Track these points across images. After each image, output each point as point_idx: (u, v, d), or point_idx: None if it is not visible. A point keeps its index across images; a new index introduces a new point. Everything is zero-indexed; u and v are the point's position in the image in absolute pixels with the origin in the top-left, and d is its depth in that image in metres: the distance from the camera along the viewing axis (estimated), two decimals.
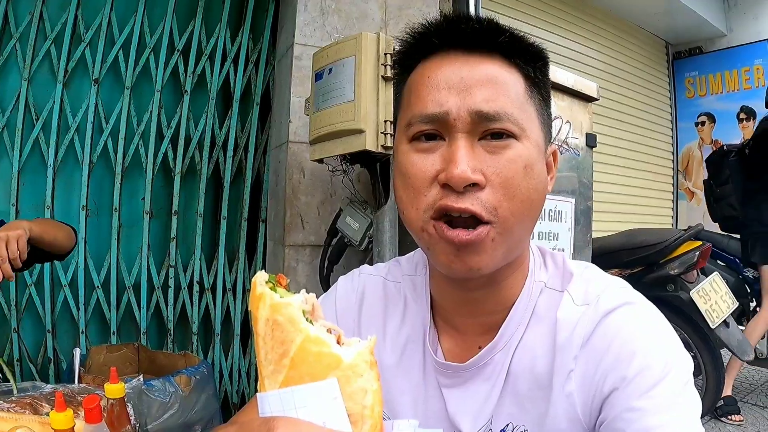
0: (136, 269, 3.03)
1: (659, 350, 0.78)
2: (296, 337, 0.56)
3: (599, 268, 0.95)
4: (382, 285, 1.06)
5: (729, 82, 6.92)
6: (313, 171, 2.82)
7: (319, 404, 0.54)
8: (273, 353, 0.57)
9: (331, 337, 0.58)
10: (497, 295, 0.90)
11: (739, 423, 3.67)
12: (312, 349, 0.56)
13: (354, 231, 2.46)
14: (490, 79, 0.80)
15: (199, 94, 3.17)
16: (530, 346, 0.88)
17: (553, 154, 0.93)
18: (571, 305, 0.87)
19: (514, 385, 0.88)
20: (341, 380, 0.55)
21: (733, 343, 3.63)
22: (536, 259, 0.95)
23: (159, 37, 3.02)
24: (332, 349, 0.56)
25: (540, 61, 0.87)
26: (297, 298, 0.59)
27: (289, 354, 0.56)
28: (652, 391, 0.75)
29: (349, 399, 0.55)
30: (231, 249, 3.28)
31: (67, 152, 2.85)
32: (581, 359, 0.82)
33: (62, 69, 2.80)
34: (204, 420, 2.32)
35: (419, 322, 0.99)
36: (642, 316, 0.83)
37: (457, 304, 0.94)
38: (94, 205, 2.94)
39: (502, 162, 0.79)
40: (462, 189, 0.78)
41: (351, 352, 0.57)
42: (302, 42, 2.85)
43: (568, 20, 5.92)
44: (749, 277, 4.18)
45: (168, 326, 3.10)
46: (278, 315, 0.57)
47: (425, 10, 3.12)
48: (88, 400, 1.07)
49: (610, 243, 3.96)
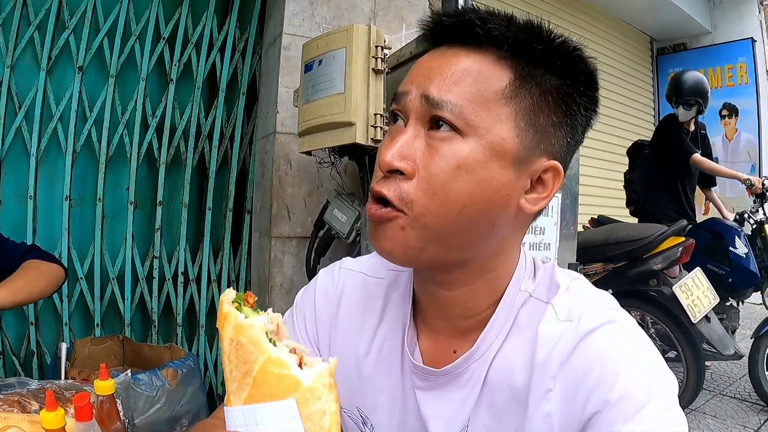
0: (120, 260, 3.00)
1: (643, 372, 0.76)
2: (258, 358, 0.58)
3: (587, 280, 0.92)
4: (362, 282, 1.04)
5: (712, 79, 6.99)
6: (300, 162, 2.81)
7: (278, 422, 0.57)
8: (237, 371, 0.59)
9: (293, 359, 0.59)
10: (462, 301, 0.88)
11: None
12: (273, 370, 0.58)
13: (341, 223, 2.46)
14: (455, 70, 0.78)
15: (184, 83, 3.13)
16: (509, 358, 0.85)
17: (554, 170, 0.83)
18: (554, 320, 0.83)
19: (491, 395, 0.86)
20: (300, 402, 0.57)
21: (714, 338, 3.69)
22: (527, 269, 0.92)
23: (145, 24, 2.98)
24: (292, 371, 0.58)
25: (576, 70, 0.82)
26: (261, 320, 0.61)
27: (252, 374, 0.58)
28: (636, 416, 0.73)
29: (308, 420, 0.57)
30: (216, 240, 3.26)
31: (50, 141, 2.81)
32: (560, 379, 0.79)
33: (46, 56, 2.75)
34: (191, 413, 2.31)
35: (400, 321, 0.97)
36: (624, 335, 0.80)
37: (429, 302, 0.93)
38: (77, 195, 2.91)
39: (433, 158, 0.77)
40: (386, 173, 0.79)
41: (310, 375, 0.58)
42: (291, 32, 2.83)
43: (554, 14, 5.93)
44: None
45: (152, 318, 3.08)
46: (241, 336, 0.59)
47: (414, 1, 3.11)
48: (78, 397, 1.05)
49: (593, 237, 3.99)
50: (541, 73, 0.79)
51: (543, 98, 0.80)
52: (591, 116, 0.86)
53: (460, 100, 0.76)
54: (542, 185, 0.83)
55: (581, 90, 0.83)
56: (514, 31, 0.79)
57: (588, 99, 0.84)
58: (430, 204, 0.77)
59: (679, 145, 4.29)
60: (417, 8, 3.11)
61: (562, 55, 0.81)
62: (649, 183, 4.56)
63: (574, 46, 0.82)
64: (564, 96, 0.81)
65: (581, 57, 0.83)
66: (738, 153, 6.89)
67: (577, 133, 0.85)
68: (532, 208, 0.83)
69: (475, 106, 0.77)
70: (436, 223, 0.77)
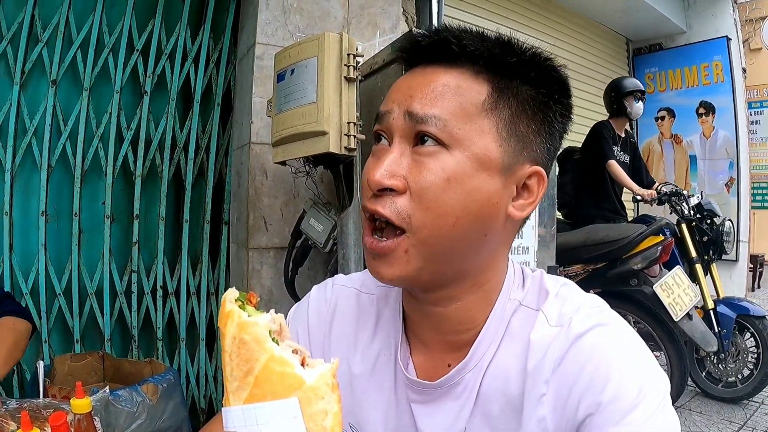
0: (98, 275, 2.97)
1: (634, 373, 0.77)
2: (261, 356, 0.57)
3: (576, 286, 0.93)
4: (355, 298, 1.05)
5: (688, 78, 7.05)
6: (276, 172, 2.80)
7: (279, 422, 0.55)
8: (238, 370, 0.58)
9: (295, 358, 0.59)
10: (457, 316, 0.89)
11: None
12: (276, 369, 0.57)
13: (318, 233, 2.45)
14: (435, 87, 0.80)
15: (159, 95, 3.12)
16: (502, 367, 0.86)
17: (537, 176, 0.85)
18: (545, 326, 0.84)
19: (485, 405, 0.87)
20: (303, 401, 0.56)
21: (696, 335, 3.72)
22: (516, 276, 0.93)
23: (118, 36, 2.96)
24: (295, 370, 0.57)
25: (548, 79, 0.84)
26: (264, 318, 0.60)
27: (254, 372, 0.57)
28: (628, 417, 0.73)
29: (310, 420, 0.56)
30: (194, 252, 3.24)
31: (25, 156, 2.78)
32: (553, 383, 0.80)
33: (19, 70, 2.73)
34: (173, 428, 2.30)
35: (392, 336, 0.98)
36: (615, 337, 0.81)
37: (421, 319, 0.93)
38: (53, 210, 2.87)
39: (422, 172, 0.78)
40: (377, 192, 0.80)
41: (314, 375, 0.58)
42: (264, 41, 2.83)
43: (529, 17, 5.96)
44: None
45: (132, 332, 3.06)
46: (245, 334, 0.58)
47: (387, 8, 3.11)
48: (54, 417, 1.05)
49: (572, 239, 4.01)
50: (517, 84, 0.82)
51: (521, 108, 0.82)
52: (566, 122, 0.89)
53: (443, 114, 0.78)
54: (527, 191, 0.86)
55: (556, 98, 0.85)
56: (488, 46, 0.81)
57: (562, 106, 0.87)
58: (426, 218, 0.78)
59: (600, 151, 4.53)
60: (390, 15, 3.12)
61: (535, 66, 0.83)
62: (581, 186, 4.73)
63: (545, 56, 0.85)
64: (540, 105, 0.84)
65: (553, 66, 0.85)
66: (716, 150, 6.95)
67: (555, 139, 0.88)
68: (520, 215, 0.85)
69: (458, 119, 0.79)
70: (432, 237, 0.79)
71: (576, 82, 6.30)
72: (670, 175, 7.29)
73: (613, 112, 4.73)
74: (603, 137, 4.56)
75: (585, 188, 4.70)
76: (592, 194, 4.67)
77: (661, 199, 4.30)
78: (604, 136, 4.57)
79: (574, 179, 4.74)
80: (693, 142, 7.15)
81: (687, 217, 4.21)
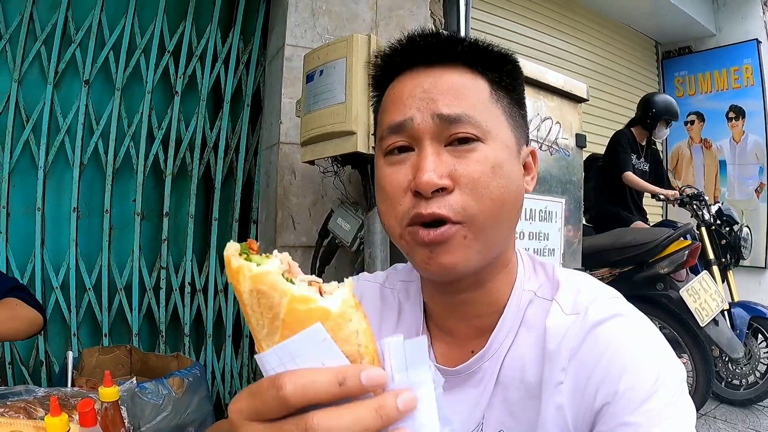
0: (128, 271, 3.02)
1: (650, 363, 0.77)
2: (282, 300, 0.57)
3: (590, 276, 0.95)
4: (379, 292, 1.08)
5: (718, 82, 6.95)
6: (304, 172, 2.83)
7: (312, 349, 0.56)
8: (263, 318, 0.58)
9: (314, 291, 0.59)
10: (485, 298, 0.91)
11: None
12: (300, 308, 0.57)
13: (345, 232, 2.47)
14: (452, 87, 0.84)
15: (189, 96, 3.17)
16: (519, 355, 0.88)
17: (532, 154, 0.95)
18: (560, 314, 0.86)
19: (504, 393, 0.88)
20: (334, 329, 0.56)
21: (722, 341, 3.67)
22: (526, 266, 0.96)
23: (149, 38, 3.02)
24: (318, 303, 0.57)
25: (507, 65, 0.90)
26: (274, 263, 0.59)
27: (280, 316, 0.57)
28: (644, 405, 0.74)
29: (345, 343, 0.57)
30: (222, 250, 3.25)
31: (58, 154, 2.84)
32: (570, 372, 0.81)
33: (52, 70, 2.79)
34: (197, 422, 2.32)
35: (413, 327, 1.01)
36: (632, 328, 0.82)
37: (447, 308, 0.95)
38: (85, 206, 2.93)
39: (470, 164, 0.81)
40: (430, 195, 0.80)
41: (336, 301, 0.58)
42: (293, 43, 2.86)
43: (558, 20, 5.93)
44: None
45: (160, 328, 3.10)
46: (260, 284, 0.58)
47: (415, 11, 3.13)
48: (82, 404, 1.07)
49: (599, 242, 3.98)
50: (498, 75, 0.88)
51: (509, 96, 0.90)
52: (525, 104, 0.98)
53: (470, 111, 0.82)
54: (527, 169, 0.94)
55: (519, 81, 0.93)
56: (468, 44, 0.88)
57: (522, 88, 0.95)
58: (481, 205, 0.81)
59: (617, 162, 4.61)
60: (418, 18, 3.13)
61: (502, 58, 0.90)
62: (601, 192, 4.81)
63: (499, 47, 0.92)
64: (514, 90, 0.91)
65: (507, 54, 0.92)
66: (746, 155, 6.83)
67: (527, 121, 0.97)
68: (529, 189, 0.93)
69: (481, 113, 0.83)
70: (488, 222, 0.82)
71: (605, 85, 6.27)
72: (699, 180, 7.18)
73: (640, 122, 4.75)
74: (621, 147, 4.64)
75: (606, 194, 4.78)
76: (612, 200, 4.74)
77: (683, 200, 4.29)
78: (622, 145, 4.64)
79: (596, 185, 4.80)
80: (723, 146, 7.04)
81: (707, 221, 4.21)
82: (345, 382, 0.52)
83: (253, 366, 3.34)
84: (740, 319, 3.93)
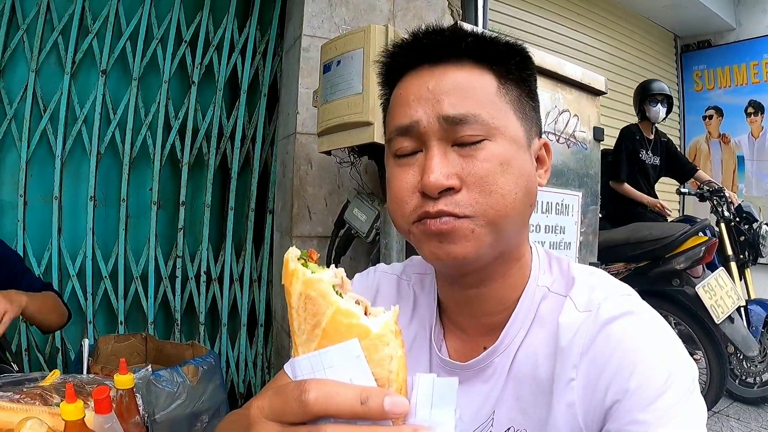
0: (144, 260, 3.04)
1: (662, 361, 0.77)
2: (327, 310, 0.59)
3: (606, 273, 0.94)
4: (395, 283, 1.09)
5: (737, 76, 6.88)
6: (321, 162, 2.82)
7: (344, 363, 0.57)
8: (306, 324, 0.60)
9: (359, 309, 0.61)
10: (496, 294, 0.91)
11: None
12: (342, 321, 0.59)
13: (361, 223, 2.47)
14: (456, 86, 0.83)
15: (206, 85, 3.17)
16: (532, 351, 0.88)
17: (545, 147, 0.94)
18: (573, 310, 0.86)
19: (515, 388, 0.88)
20: (370, 349, 0.58)
21: (737, 339, 3.64)
22: (541, 261, 0.96)
23: (166, 28, 3.03)
24: (361, 320, 0.59)
25: (515, 57, 0.89)
26: (327, 274, 0.62)
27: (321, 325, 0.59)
28: (655, 404, 0.74)
29: (377, 365, 0.58)
30: (238, 240, 3.29)
31: (75, 143, 2.86)
32: (582, 369, 0.81)
33: (69, 60, 2.80)
34: (211, 410, 2.33)
35: (426, 319, 1.01)
36: (644, 325, 0.82)
37: (459, 304, 0.96)
38: (101, 195, 2.95)
39: (477, 163, 0.81)
40: (437, 195, 0.81)
41: (378, 323, 0.60)
42: (310, 33, 2.85)
43: (577, 13, 5.90)
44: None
45: (175, 316, 3.12)
46: (311, 290, 0.60)
47: (433, 2, 3.11)
48: (97, 391, 1.07)
49: (615, 237, 3.96)
50: (506, 68, 0.87)
51: (518, 89, 0.89)
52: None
53: (476, 110, 0.82)
54: (540, 161, 0.94)
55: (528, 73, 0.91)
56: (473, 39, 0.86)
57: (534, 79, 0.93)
58: (490, 201, 0.81)
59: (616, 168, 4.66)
60: (436, 8, 3.11)
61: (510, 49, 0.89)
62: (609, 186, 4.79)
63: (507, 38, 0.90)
64: (524, 82, 0.90)
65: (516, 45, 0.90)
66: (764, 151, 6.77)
67: (540, 111, 0.95)
68: (543, 182, 0.93)
69: (488, 110, 0.83)
70: (498, 216, 0.82)
71: (623, 78, 6.23)
72: (716, 175, 7.12)
73: (638, 113, 4.77)
74: (618, 150, 4.69)
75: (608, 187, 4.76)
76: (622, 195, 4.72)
77: (703, 195, 4.26)
78: (621, 148, 4.67)
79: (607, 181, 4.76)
80: (741, 142, 6.99)
81: (727, 218, 4.18)
82: (368, 402, 0.52)
83: (267, 355, 3.36)
84: (756, 317, 3.90)
